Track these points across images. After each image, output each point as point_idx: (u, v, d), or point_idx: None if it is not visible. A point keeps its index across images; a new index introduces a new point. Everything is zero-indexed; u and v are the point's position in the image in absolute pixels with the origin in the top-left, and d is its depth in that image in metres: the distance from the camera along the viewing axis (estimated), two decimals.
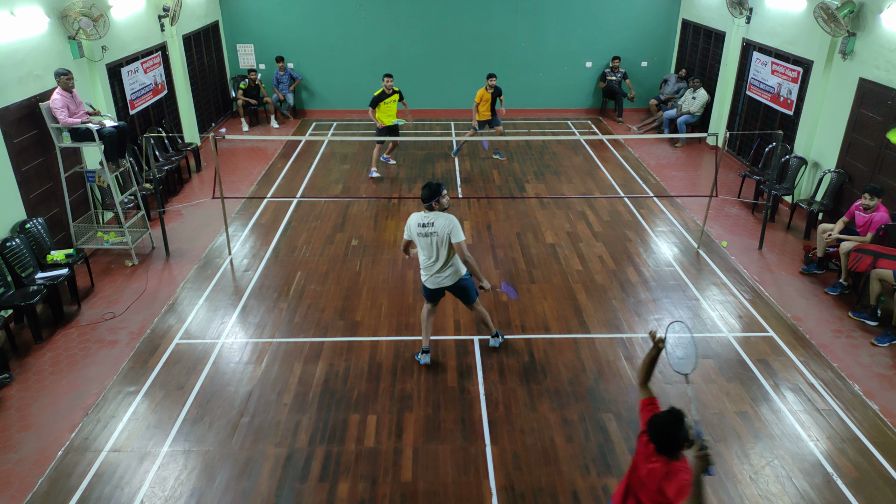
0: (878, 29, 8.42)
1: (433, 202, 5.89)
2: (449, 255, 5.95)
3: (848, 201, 8.67)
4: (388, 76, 11.43)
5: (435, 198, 5.88)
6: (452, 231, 5.82)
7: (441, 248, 5.91)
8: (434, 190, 5.89)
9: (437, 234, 5.87)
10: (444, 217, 5.86)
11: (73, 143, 8.11)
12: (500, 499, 4.98)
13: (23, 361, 6.58)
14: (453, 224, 5.84)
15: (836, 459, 5.36)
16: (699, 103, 13.43)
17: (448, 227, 5.83)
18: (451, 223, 5.83)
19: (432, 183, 5.92)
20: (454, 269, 6.05)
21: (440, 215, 5.88)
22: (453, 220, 5.85)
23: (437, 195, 5.89)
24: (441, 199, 5.94)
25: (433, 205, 5.91)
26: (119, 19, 10.15)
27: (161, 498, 4.96)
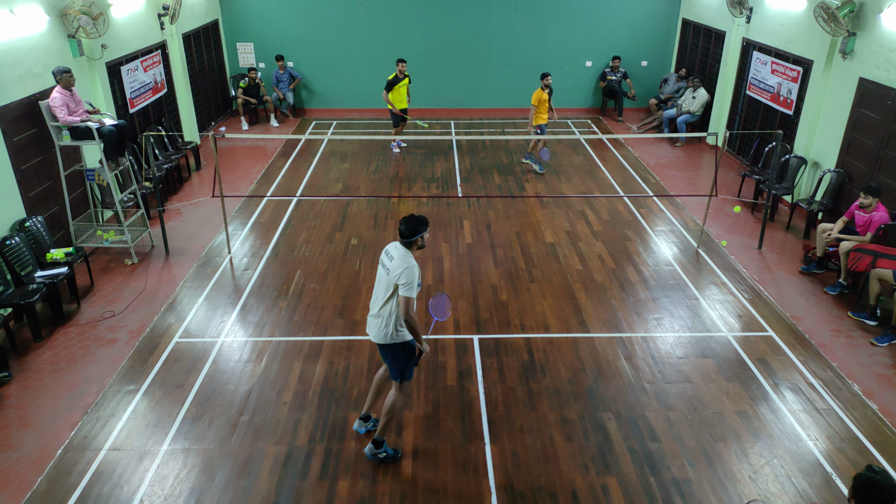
0: (878, 29, 8.42)
1: (409, 240, 4.87)
2: (385, 304, 4.86)
3: (847, 201, 8.67)
4: (402, 61, 12.24)
5: (411, 237, 4.85)
6: (402, 279, 4.69)
7: (384, 290, 4.88)
8: (412, 228, 4.83)
9: (387, 273, 4.84)
10: (406, 260, 4.79)
11: (72, 142, 8.10)
12: (500, 497, 4.99)
13: (22, 360, 6.57)
14: (410, 272, 4.71)
15: (835, 459, 5.37)
16: (699, 103, 13.43)
17: (400, 271, 4.71)
18: (407, 269, 4.71)
19: (413, 218, 4.87)
20: (384, 323, 4.89)
21: (404, 255, 4.83)
22: (412, 269, 4.73)
23: (414, 234, 4.84)
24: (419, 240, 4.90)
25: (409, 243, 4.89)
26: (119, 18, 10.14)
27: (160, 496, 4.97)
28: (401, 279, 4.70)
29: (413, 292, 4.71)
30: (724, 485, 5.10)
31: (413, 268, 4.73)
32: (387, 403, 5.16)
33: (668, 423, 5.74)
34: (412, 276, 4.70)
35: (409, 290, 4.69)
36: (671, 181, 11.54)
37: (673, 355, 6.69)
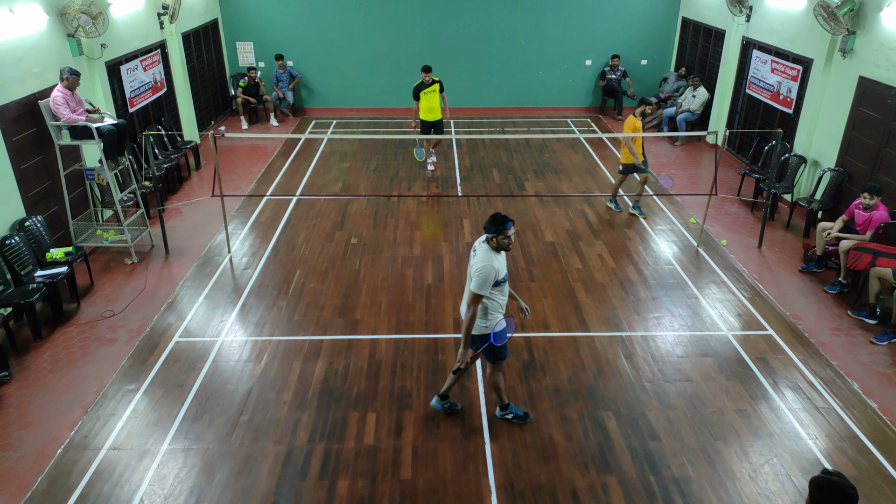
0: (878, 27, 8.41)
1: (489, 237, 4.95)
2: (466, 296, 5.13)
3: (847, 200, 8.67)
4: (427, 70, 11.26)
5: (493, 233, 4.91)
6: (474, 276, 4.89)
7: (467, 282, 5.11)
8: (490, 225, 4.91)
9: (469, 267, 5.08)
10: (483, 255, 4.93)
11: (72, 141, 8.10)
12: (500, 496, 4.99)
13: (22, 359, 6.57)
14: (481, 273, 4.84)
15: (834, 457, 5.37)
16: (699, 101, 13.43)
17: (475, 269, 4.90)
18: (481, 269, 4.85)
19: (495, 217, 4.93)
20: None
21: (485, 253, 4.94)
22: (485, 265, 4.85)
23: (491, 231, 4.91)
24: (499, 238, 4.90)
25: (490, 239, 4.96)
26: (118, 17, 10.13)
27: (161, 496, 4.97)
28: (473, 276, 4.93)
29: (481, 290, 4.88)
30: (724, 483, 5.10)
31: (487, 269, 4.85)
32: (488, 380, 5.57)
33: (667, 421, 5.74)
34: (483, 277, 4.85)
35: (477, 287, 4.88)
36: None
37: (673, 354, 6.69)
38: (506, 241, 4.93)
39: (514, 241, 5.06)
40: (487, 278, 4.85)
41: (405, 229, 9.55)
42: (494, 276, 4.89)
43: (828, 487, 2.89)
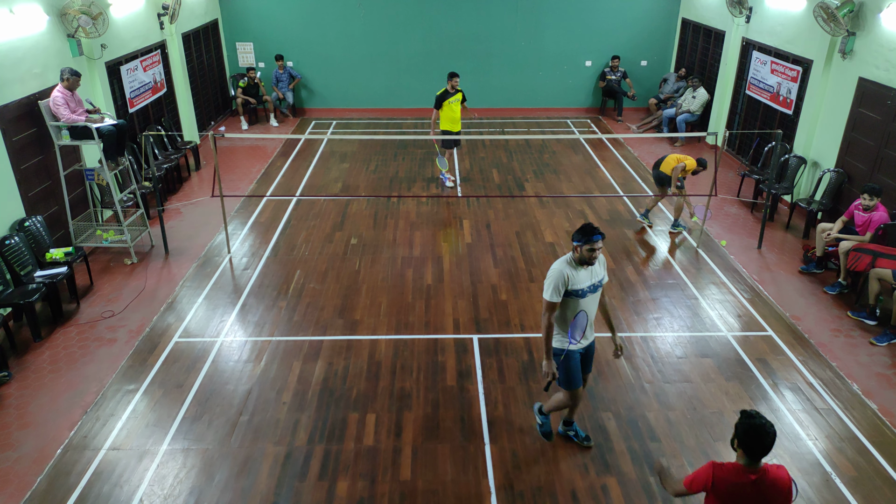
0: (878, 28, 8.42)
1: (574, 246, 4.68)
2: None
3: (847, 201, 8.67)
4: (455, 75, 10.66)
5: (578, 242, 4.63)
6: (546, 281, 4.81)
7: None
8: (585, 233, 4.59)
9: None
10: (557, 262, 4.79)
11: (72, 142, 8.10)
12: (499, 498, 4.99)
13: (22, 359, 6.57)
14: (548, 277, 4.76)
15: (834, 458, 5.37)
16: (699, 102, 13.43)
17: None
18: (550, 270, 4.79)
19: (588, 226, 4.62)
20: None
21: (562, 259, 4.79)
22: (553, 269, 4.75)
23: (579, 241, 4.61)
24: (583, 249, 4.60)
25: (574, 248, 4.69)
26: (118, 17, 10.13)
27: (160, 496, 4.96)
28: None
29: (549, 296, 4.71)
30: None
31: (552, 273, 4.71)
32: (553, 398, 5.26)
33: (667, 422, 5.74)
34: (549, 282, 4.71)
35: (545, 292, 4.76)
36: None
37: (672, 355, 6.69)
38: (588, 254, 4.58)
39: (598, 255, 4.65)
40: (554, 283, 4.67)
41: (405, 230, 9.55)
42: (564, 283, 4.65)
43: (753, 430, 3.21)
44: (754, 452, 3.22)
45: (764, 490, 3.22)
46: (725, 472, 3.28)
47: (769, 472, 3.26)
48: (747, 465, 3.26)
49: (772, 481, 3.24)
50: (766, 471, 3.25)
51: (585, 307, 4.80)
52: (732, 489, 3.25)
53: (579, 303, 4.78)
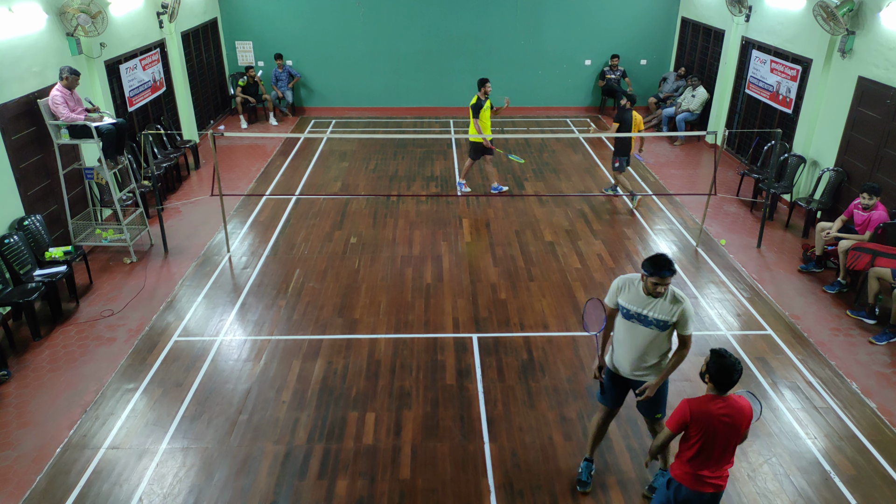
0: (877, 27, 8.42)
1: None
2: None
3: (846, 200, 8.67)
4: (487, 80, 10.15)
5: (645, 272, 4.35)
6: None
7: None
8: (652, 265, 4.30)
9: None
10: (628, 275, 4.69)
11: (71, 140, 8.09)
12: (499, 496, 4.99)
13: (21, 358, 6.57)
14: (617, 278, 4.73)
15: (833, 457, 5.37)
16: (698, 101, 13.43)
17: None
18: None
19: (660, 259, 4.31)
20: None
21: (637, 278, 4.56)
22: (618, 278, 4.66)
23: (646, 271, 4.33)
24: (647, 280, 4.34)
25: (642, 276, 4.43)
26: (118, 16, 10.12)
27: (160, 495, 4.97)
28: None
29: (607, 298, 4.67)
30: None
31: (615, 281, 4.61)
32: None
33: None
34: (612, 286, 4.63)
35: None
36: (670, 180, 11.54)
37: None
38: (653, 287, 4.30)
39: (666, 292, 4.36)
40: (611, 289, 4.61)
41: (404, 229, 9.55)
42: (617, 292, 4.52)
43: (725, 368, 3.73)
44: (723, 386, 3.78)
45: (731, 412, 3.79)
46: (698, 402, 3.82)
47: (734, 399, 3.84)
48: (716, 395, 3.82)
49: (737, 406, 3.81)
50: (731, 398, 3.83)
51: (626, 331, 4.54)
52: (706, 415, 3.78)
53: (622, 321, 4.55)
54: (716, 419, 3.78)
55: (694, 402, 3.83)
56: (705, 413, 3.78)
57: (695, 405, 3.82)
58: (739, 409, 3.82)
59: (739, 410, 3.82)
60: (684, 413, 3.83)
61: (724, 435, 3.81)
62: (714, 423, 3.78)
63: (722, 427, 3.79)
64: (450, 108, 15.69)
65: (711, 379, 3.80)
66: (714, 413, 3.78)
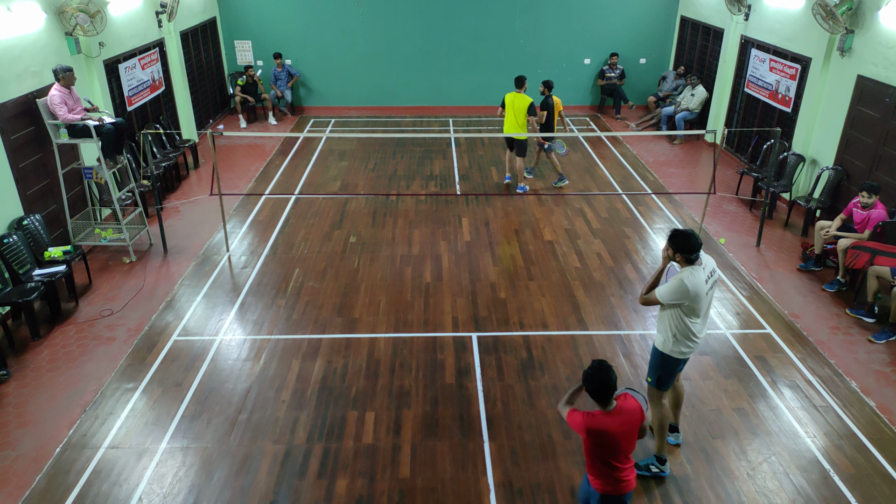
0: (877, 26, 8.42)
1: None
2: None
3: (845, 198, 8.68)
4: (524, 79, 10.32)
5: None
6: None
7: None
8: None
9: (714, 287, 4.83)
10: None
11: (70, 140, 8.09)
12: (498, 495, 4.99)
13: (20, 358, 6.57)
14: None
15: (832, 456, 5.38)
16: (697, 100, 13.43)
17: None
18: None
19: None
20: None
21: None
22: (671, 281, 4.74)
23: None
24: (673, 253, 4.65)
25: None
26: (116, 15, 10.11)
27: (159, 494, 4.97)
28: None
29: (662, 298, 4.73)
30: (723, 481, 5.11)
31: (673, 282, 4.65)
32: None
33: None
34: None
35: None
36: (669, 179, 11.54)
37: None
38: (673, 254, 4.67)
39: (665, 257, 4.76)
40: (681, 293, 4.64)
41: (404, 228, 9.55)
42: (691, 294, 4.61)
43: (597, 381, 3.83)
44: (605, 398, 3.86)
45: (623, 419, 3.88)
46: (593, 420, 3.86)
47: (621, 404, 3.92)
48: (604, 409, 3.90)
49: (628, 410, 3.91)
50: (619, 405, 3.91)
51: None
52: (601, 431, 3.83)
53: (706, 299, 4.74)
54: (611, 429, 3.84)
55: (591, 420, 3.85)
56: (599, 430, 3.83)
57: (591, 422, 3.84)
58: (630, 410, 3.91)
59: (630, 411, 3.91)
60: (580, 427, 3.87)
61: (625, 440, 3.90)
62: (610, 433, 3.84)
63: (621, 436, 3.87)
64: (449, 108, 15.69)
65: (592, 397, 3.87)
66: (608, 425, 3.84)
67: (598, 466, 3.95)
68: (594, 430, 3.84)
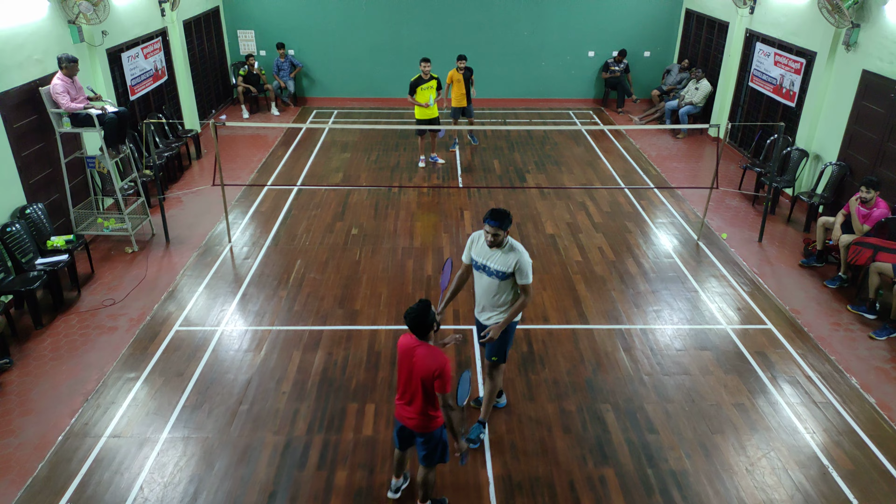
0: (882, 20, 8.37)
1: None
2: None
3: (849, 194, 8.65)
4: (425, 60, 11.01)
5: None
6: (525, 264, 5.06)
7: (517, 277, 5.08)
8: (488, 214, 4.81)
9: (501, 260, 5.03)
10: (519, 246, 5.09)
11: (73, 129, 8.09)
12: (497, 488, 5.01)
13: (23, 347, 6.59)
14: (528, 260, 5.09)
15: (831, 452, 5.39)
16: (702, 94, 13.38)
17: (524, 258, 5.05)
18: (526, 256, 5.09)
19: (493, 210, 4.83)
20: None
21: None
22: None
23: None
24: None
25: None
26: (119, 4, 10.09)
27: (160, 484, 5.00)
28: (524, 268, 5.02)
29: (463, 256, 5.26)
30: (721, 477, 5.12)
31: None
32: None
33: (665, 414, 5.76)
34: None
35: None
36: (672, 173, 11.52)
37: (672, 347, 6.70)
38: (486, 236, 4.85)
39: (499, 241, 4.87)
40: (466, 244, 5.18)
41: (406, 220, 9.54)
42: (469, 247, 5.15)
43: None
44: (416, 332, 4.12)
45: (415, 356, 4.12)
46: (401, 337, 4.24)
47: (429, 350, 4.13)
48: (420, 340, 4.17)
49: (423, 355, 4.09)
50: (427, 347, 4.14)
51: (477, 281, 5.12)
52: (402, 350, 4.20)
53: (475, 272, 5.10)
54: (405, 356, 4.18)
55: (402, 339, 4.24)
56: (403, 349, 4.20)
57: (400, 341, 4.25)
58: (423, 357, 4.09)
59: (423, 359, 4.09)
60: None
61: (415, 373, 4.14)
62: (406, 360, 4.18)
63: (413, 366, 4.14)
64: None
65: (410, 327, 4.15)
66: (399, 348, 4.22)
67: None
68: (400, 347, 4.23)
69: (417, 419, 4.28)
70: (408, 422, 4.32)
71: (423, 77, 11.00)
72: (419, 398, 4.19)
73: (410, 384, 4.20)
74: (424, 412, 4.24)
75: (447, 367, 4.07)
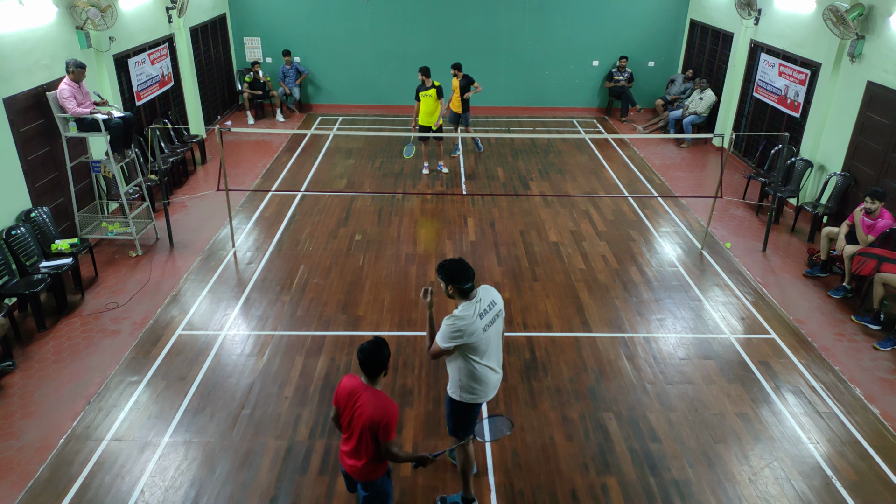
0: (888, 32, 8.38)
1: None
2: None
3: (853, 205, 8.64)
4: (422, 71, 11.21)
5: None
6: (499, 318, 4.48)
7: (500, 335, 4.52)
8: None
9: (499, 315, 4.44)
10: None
11: (79, 133, 8.12)
12: (499, 496, 4.99)
13: (26, 349, 6.60)
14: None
15: (835, 462, 5.36)
16: (706, 104, 13.40)
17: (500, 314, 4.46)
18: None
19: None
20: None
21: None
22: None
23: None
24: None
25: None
26: (127, 10, 10.16)
27: (161, 488, 4.99)
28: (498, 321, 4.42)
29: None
30: (724, 486, 5.10)
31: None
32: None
33: (668, 423, 5.74)
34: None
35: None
36: (676, 182, 11.52)
37: (675, 356, 6.68)
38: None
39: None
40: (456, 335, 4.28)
41: (409, 227, 9.56)
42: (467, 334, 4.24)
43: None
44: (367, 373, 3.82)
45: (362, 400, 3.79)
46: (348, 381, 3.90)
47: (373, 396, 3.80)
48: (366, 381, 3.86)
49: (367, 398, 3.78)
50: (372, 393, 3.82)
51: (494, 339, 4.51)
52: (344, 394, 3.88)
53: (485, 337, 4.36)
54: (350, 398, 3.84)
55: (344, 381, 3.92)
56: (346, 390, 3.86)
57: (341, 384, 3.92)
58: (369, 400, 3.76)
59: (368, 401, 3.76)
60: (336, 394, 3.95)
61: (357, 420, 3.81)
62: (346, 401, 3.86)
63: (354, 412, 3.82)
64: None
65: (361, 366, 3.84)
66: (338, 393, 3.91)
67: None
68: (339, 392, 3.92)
69: (359, 467, 3.91)
70: (348, 468, 3.98)
71: (425, 84, 11.23)
72: (362, 446, 3.83)
73: (353, 431, 3.85)
74: (368, 460, 3.88)
75: (395, 416, 3.76)
